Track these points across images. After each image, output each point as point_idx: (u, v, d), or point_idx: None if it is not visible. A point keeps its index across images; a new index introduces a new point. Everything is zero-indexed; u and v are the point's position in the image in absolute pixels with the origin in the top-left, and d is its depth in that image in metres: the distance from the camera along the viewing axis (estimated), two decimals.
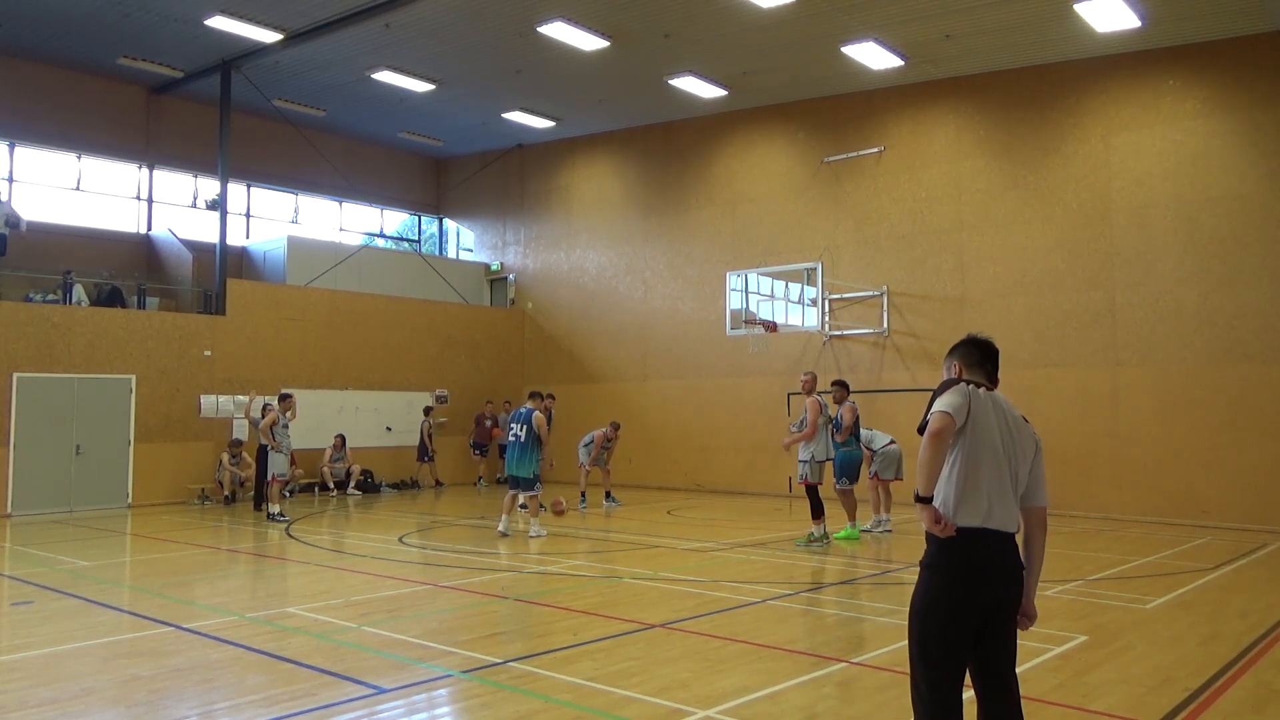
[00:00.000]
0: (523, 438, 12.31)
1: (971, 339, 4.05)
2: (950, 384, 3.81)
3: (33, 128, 18.17)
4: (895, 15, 14.33)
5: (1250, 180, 14.18)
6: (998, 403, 3.77)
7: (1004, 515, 3.60)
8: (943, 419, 3.58)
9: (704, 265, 19.82)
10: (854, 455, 12.32)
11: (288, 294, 19.13)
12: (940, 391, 3.77)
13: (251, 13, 15.13)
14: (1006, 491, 3.62)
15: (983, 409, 3.67)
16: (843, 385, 12.49)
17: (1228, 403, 14.10)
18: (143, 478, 16.56)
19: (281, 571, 10.40)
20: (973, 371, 3.94)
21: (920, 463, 3.60)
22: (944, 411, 3.59)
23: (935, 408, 3.65)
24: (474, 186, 24.19)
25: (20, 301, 16.08)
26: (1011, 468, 3.65)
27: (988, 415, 3.67)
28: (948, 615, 3.55)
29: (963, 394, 3.66)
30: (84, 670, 6.09)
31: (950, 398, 3.65)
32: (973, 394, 3.68)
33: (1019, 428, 3.75)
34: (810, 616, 8.03)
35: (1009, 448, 3.67)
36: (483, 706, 5.37)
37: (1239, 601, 8.38)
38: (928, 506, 3.61)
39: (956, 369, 3.96)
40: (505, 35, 15.75)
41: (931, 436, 3.56)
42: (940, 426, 3.56)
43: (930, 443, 3.58)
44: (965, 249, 16.60)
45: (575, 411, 20.21)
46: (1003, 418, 3.72)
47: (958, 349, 4.03)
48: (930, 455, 3.58)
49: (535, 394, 13.03)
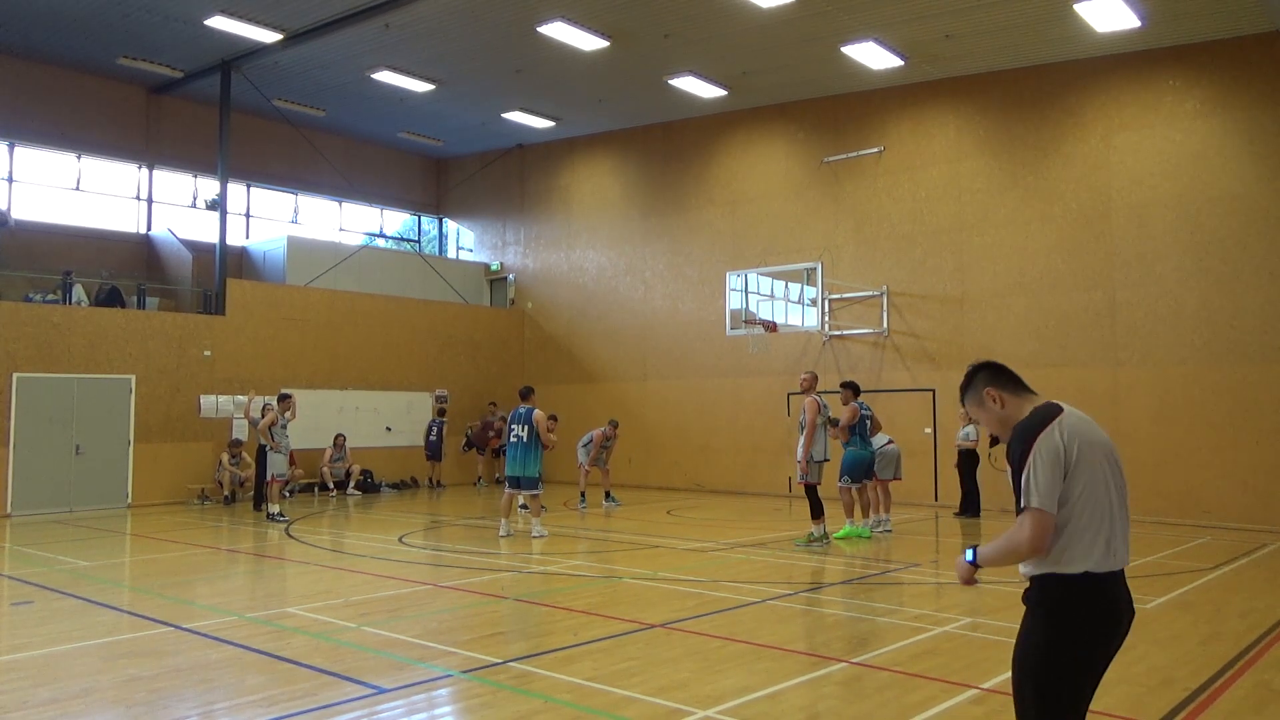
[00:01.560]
0: (525, 438, 12.24)
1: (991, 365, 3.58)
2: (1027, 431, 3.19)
3: (32, 128, 18.17)
4: (895, 15, 14.33)
5: (1250, 180, 14.18)
6: (1082, 424, 3.23)
7: (1119, 551, 3.15)
8: (1039, 524, 3.05)
9: (704, 265, 19.82)
10: (858, 455, 12.30)
11: (288, 294, 19.13)
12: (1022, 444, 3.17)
13: (251, 13, 15.13)
14: (1118, 524, 3.16)
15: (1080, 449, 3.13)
16: (846, 386, 12.50)
17: (1228, 403, 14.09)
18: (142, 478, 16.56)
19: (281, 571, 10.40)
20: (1015, 390, 3.44)
21: (1003, 549, 3.16)
22: (1039, 511, 3.05)
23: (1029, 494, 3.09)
24: (474, 186, 24.19)
25: (20, 301, 16.08)
26: (1114, 494, 3.19)
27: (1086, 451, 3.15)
28: (1075, 665, 3.10)
29: (1053, 458, 3.09)
30: (84, 670, 6.08)
31: (1043, 474, 3.07)
32: (1065, 444, 3.12)
33: (1107, 444, 3.29)
34: (810, 616, 8.03)
35: (1112, 471, 3.22)
36: (483, 706, 5.37)
37: (1239, 601, 8.38)
38: (971, 569, 3.29)
39: (996, 397, 3.44)
40: (505, 35, 15.75)
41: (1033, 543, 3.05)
42: (1044, 532, 3.06)
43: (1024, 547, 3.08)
44: (965, 249, 16.59)
45: (575, 412, 20.20)
46: (1095, 439, 3.21)
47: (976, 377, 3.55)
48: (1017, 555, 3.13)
49: (529, 391, 12.84)
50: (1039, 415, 3.23)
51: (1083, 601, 3.09)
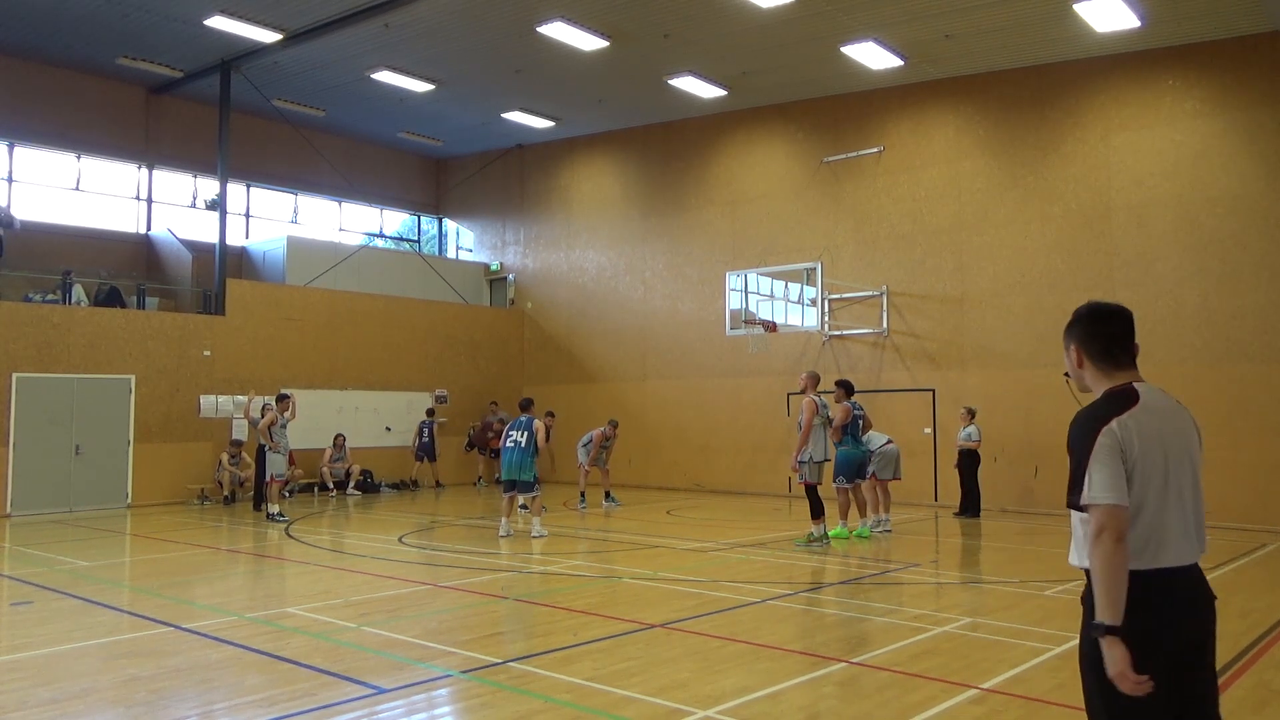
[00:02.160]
0: (523, 444, 12.36)
1: (1097, 313, 3.14)
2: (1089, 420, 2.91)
3: (32, 128, 18.17)
4: (895, 15, 14.33)
5: (1250, 180, 14.18)
6: (1155, 413, 2.93)
7: (1183, 548, 2.87)
8: (1112, 518, 2.75)
9: (703, 265, 19.81)
10: (850, 454, 12.27)
11: (287, 294, 19.13)
12: (1082, 433, 2.92)
13: (251, 13, 15.13)
14: (1186, 517, 2.89)
15: (1144, 441, 2.86)
16: (840, 385, 12.45)
17: (1227, 403, 14.09)
18: (142, 478, 16.56)
19: (281, 571, 10.39)
20: (1103, 361, 3.06)
21: (1099, 576, 2.74)
22: (1109, 505, 2.77)
23: (1092, 489, 2.82)
24: (474, 186, 24.19)
25: (20, 301, 16.08)
26: (1184, 486, 2.91)
27: (1151, 444, 2.87)
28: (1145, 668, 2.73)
29: (1112, 451, 2.83)
30: (84, 670, 6.08)
31: (1104, 468, 2.81)
32: (1125, 438, 2.84)
33: (1185, 429, 2.99)
34: (810, 616, 8.03)
35: (1183, 462, 2.92)
36: (483, 706, 5.37)
37: (1239, 601, 8.37)
38: (1117, 642, 2.70)
39: (1077, 357, 3.11)
40: (505, 35, 15.75)
41: (1112, 542, 2.74)
42: (1116, 527, 2.75)
43: (1107, 550, 2.74)
44: (965, 249, 16.60)
45: (575, 411, 20.20)
46: (1166, 429, 2.93)
47: (1074, 326, 3.14)
48: (1112, 567, 2.73)
49: (529, 402, 13.05)
50: (1109, 405, 2.94)
51: (1144, 600, 2.77)
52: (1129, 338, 3.09)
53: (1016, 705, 5.29)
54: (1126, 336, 3.09)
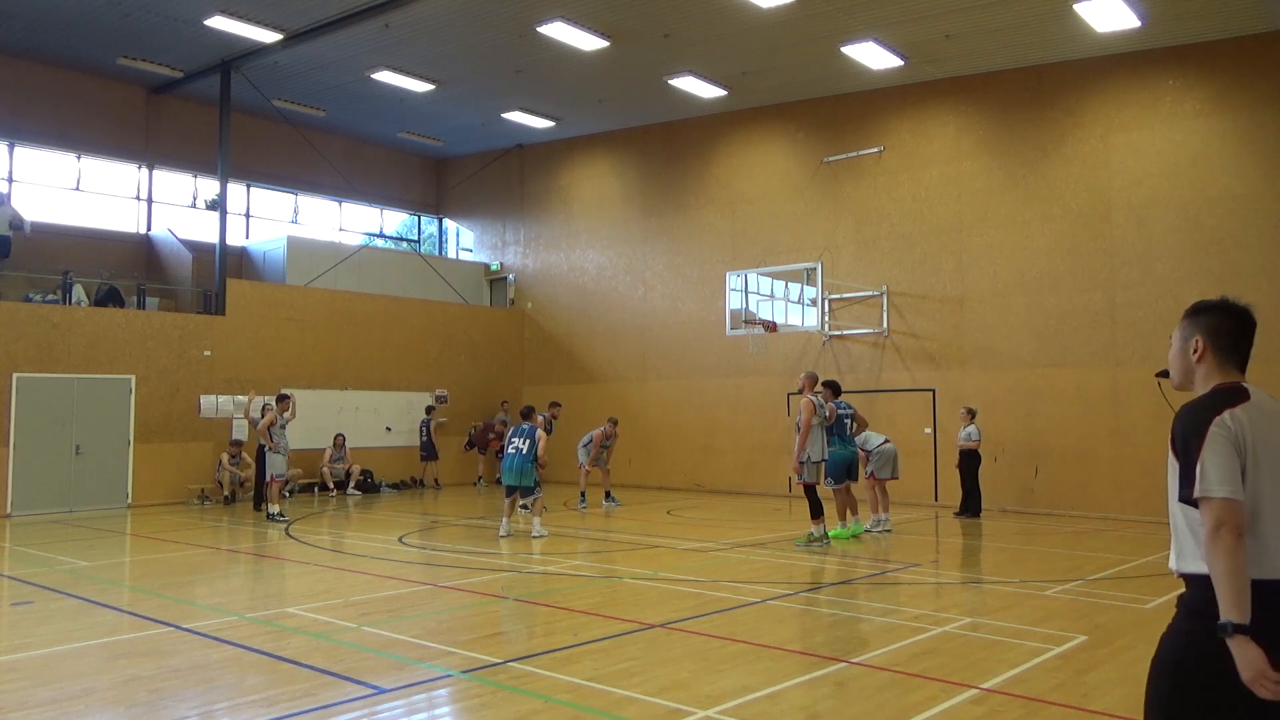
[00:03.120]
0: (524, 450, 12.42)
1: (1225, 305, 3.03)
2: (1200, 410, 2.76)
3: (32, 128, 18.17)
4: (895, 15, 14.33)
5: (1250, 180, 14.18)
6: (1267, 412, 2.79)
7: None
8: (1230, 512, 2.56)
9: (704, 265, 19.81)
10: (838, 455, 12.19)
11: (287, 294, 19.13)
12: (1194, 423, 2.73)
13: (251, 13, 15.13)
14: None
15: (1258, 439, 2.71)
16: (827, 385, 12.25)
17: None
18: (142, 478, 16.56)
19: (281, 571, 10.40)
20: (1225, 357, 2.95)
21: (1222, 573, 2.52)
22: (1226, 499, 2.57)
23: (1207, 482, 2.61)
24: (474, 186, 24.18)
25: (20, 301, 16.08)
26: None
27: (1265, 443, 2.71)
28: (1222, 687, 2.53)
29: (1227, 442, 2.66)
30: (84, 670, 6.08)
31: (1218, 459, 2.63)
32: (1239, 431, 2.69)
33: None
34: (810, 616, 8.03)
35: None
36: (483, 706, 5.37)
37: None
38: (1249, 641, 2.46)
39: (1200, 348, 2.98)
40: (505, 35, 15.75)
41: (1233, 538, 2.53)
42: (1235, 522, 2.55)
43: (1229, 546, 2.53)
44: (965, 249, 16.60)
45: (575, 411, 20.18)
46: (1275, 428, 2.76)
47: (1204, 315, 3.03)
48: (1236, 562, 2.52)
49: (530, 411, 13.11)
50: (1219, 398, 2.81)
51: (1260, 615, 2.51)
52: (1251, 339, 2.99)
53: (1016, 705, 5.29)
54: (1251, 337, 2.99)
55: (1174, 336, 3.05)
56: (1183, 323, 3.05)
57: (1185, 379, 3.00)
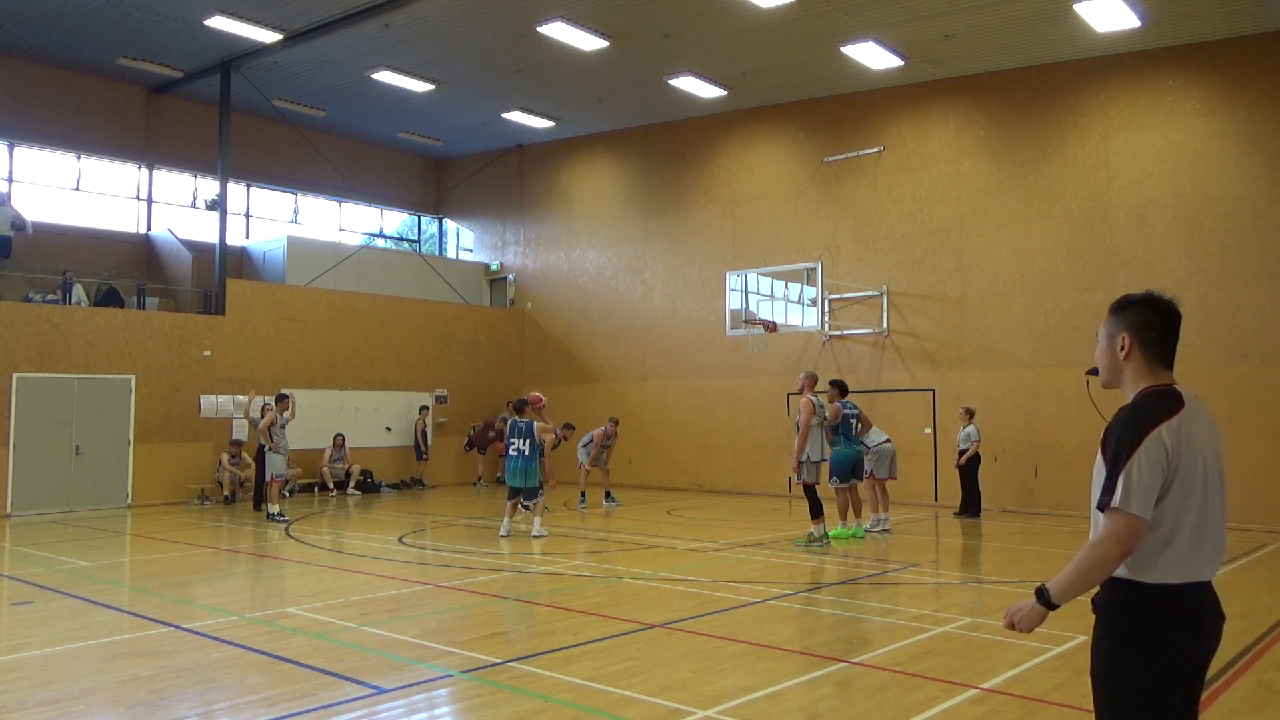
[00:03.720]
0: (526, 451, 12.29)
1: (1157, 305, 2.93)
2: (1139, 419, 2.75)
3: (32, 128, 18.16)
4: (895, 15, 14.33)
5: (1250, 180, 14.18)
6: (1198, 420, 2.80)
7: (1212, 562, 2.78)
8: (1131, 531, 2.64)
9: (704, 265, 19.81)
10: (844, 454, 12.22)
11: (287, 294, 19.13)
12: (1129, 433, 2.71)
13: (251, 13, 15.13)
14: (1217, 530, 2.79)
15: (1188, 451, 2.72)
16: (833, 384, 12.36)
17: (1228, 403, 14.07)
18: (142, 478, 16.56)
19: (281, 571, 10.40)
20: (1152, 355, 2.88)
21: (1081, 570, 2.71)
22: (1135, 517, 2.63)
23: (1127, 495, 2.65)
24: (474, 186, 24.18)
25: (20, 301, 16.08)
26: (1217, 497, 2.79)
27: (1194, 453, 2.74)
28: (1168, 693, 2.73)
29: (1159, 460, 2.68)
30: (84, 670, 6.08)
31: (1144, 476, 2.65)
32: (1174, 447, 2.70)
33: (1216, 434, 2.86)
34: (810, 616, 8.03)
35: (1216, 472, 2.80)
36: (483, 706, 5.37)
37: (1238, 601, 8.37)
38: (1045, 614, 2.82)
39: (1126, 345, 2.90)
40: (505, 35, 15.75)
41: (1118, 554, 2.66)
42: (1130, 542, 2.65)
43: (1109, 559, 2.67)
44: (965, 249, 16.60)
45: (575, 411, 20.16)
46: (1206, 437, 2.80)
47: (1129, 310, 2.93)
48: (1100, 573, 2.71)
49: (523, 404, 12.80)
50: (1155, 405, 2.78)
51: (1172, 614, 2.70)
52: (1177, 336, 2.92)
53: (1016, 705, 5.29)
54: (1177, 334, 2.92)
55: (1100, 333, 2.99)
56: (1108, 319, 2.97)
57: (1113, 377, 2.96)
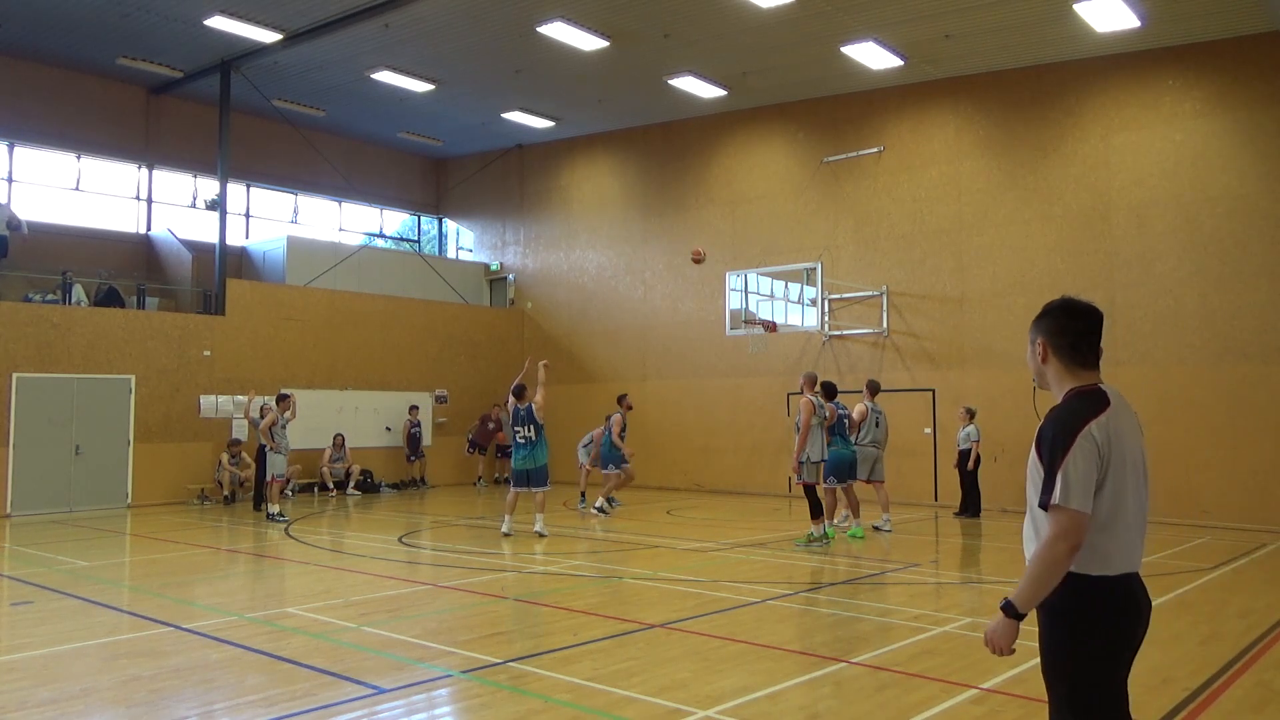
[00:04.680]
0: (533, 437, 12.19)
1: (1070, 309, 3.02)
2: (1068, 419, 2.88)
3: (32, 128, 18.17)
4: (895, 15, 14.33)
5: (1250, 180, 14.18)
6: (1123, 418, 2.93)
7: (1138, 552, 2.94)
8: (1075, 526, 2.76)
9: (704, 265, 19.75)
10: (840, 455, 12.21)
11: (287, 294, 19.13)
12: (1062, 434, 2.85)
13: (251, 13, 15.13)
14: (1142, 523, 2.95)
15: (1116, 448, 2.86)
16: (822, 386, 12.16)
17: (1227, 403, 14.10)
18: (142, 478, 16.56)
19: (281, 571, 10.40)
20: (1068, 358, 3.00)
21: (1037, 574, 2.81)
22: (1078, 512, 2.76)
23: (1067, 492, 2.78)
24: (474, 186, 24.18)
25: (20, 301, 16.08)
26: (1143, 492, 2.96)
27: (1122, 450, 2.88)
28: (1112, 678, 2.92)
29: (1092, 456, 2.81)
30: (84, 670, 6.08)
31: (1080, 472, 2.79)
32: (1104, 442, 2.84)
33: (1139, 432, 3.01)
34: (810, 616, 8.03)
35: (1142, 468, 2.95)
36: (483, 706, 5.37)
37: (1238, 601, 8.38)
38: (1015, 626, 2.90)
39: (1041, 351, 3.03)
40: (505, 35, 15.75)
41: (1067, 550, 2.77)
42: (1077, 537, 2.77)
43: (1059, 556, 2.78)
44: (965, 249, 16.59)
45: (575, 411, 20.19)
46: (1132, 435, 2.94)
47: (1044, 318, 3.05)
48: (1055, 572, 2.80)
49: (523, 389, 12.52)
50: (1084, 404, 2.91)
51: (1110, 603, 2.86)
52: (1098, 337, 3.02)
53: (1016, 705, 5.29)
54: (1095, 335, 3.01)
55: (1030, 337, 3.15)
56: (1031, 325, 3.13)
57: (1040, 380, 3.11)
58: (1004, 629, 2.91)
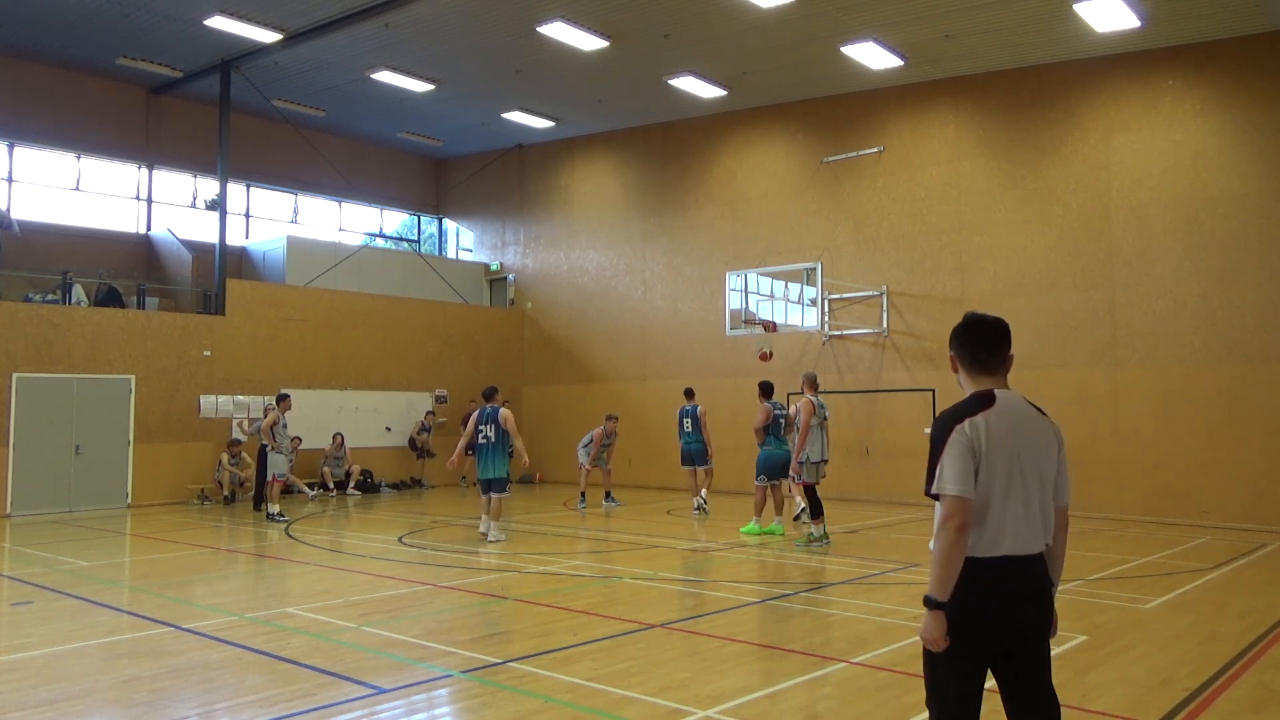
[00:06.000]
0: (493, 438, 11.81)
1: (969, 323, 3.37)
2: (948, 417, 3.22)
3: (32, 128, 18.17)
4: (895, 15, 14.33)
5: (1250, 180, 14.18)
6: (1008, 416, 3.21)
7: (1024, 538, 3.16)
8: (957, 509, 3.07)
9: (704, 265, 19.81)
10: (772, 454, 12.34)
11: (287, 294, 19.13)
12: (941, 431, 3.20)
13: (251, 13, 15.13)
14: (1029, 511, 3.18)
15: (993, 441, 3.15)
16: (760, 386, 12.74)
17: (1227, 403, 14.09)
18: (142, 478, 16.56)
19: (281, 571, 10.40)
20: (971, 367, 3.34)
21: (937, 559, 3.08)
22: (956, 497, 3.08)
23: (942, 480, 3.12)
24: (474, 186, 24.18)
25: (20, 301, 16.08)
26: (1030, 483, 3.19)
27: (1000, 443, 3.16)
28: (960, 651, 3.14)
29: (964, 447, 3.12)
30: (84, 670, 6.08)
31: (954, 462, 3.11)
32: (975, 436, 3.14)
33: (1038, 432, 3.26)
34: (810, 616, 8.03)
35: (1029, 461, 3.20)
36: (483, 706, 5.37)
37: (1238, 601, 8.38)
38: (941, 616, 3.10)
39: (953, 362, 3.42)
40: (505, 35, 15.75)
41: (954, 530, 3.06)
42: (960, 518, 3.06)
43: (950, 537, 3.07)
44: (965, 249, 16.59)
45: (575, 411, 20.21)
46: (1017, 431, 3.21)
47: (955, 338, 3.39)
48: (952, 553, 3.07)
49: (493, 391, 12.34)
50: (968, 405, 3.25)
51: (980, 581, 3.12)
52: (997, 347, 3.32)
53: None
54: (994, 345, 3.32)
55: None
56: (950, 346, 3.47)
57: (962, 386, 3.43)
58: (929, 621, 3.12)
